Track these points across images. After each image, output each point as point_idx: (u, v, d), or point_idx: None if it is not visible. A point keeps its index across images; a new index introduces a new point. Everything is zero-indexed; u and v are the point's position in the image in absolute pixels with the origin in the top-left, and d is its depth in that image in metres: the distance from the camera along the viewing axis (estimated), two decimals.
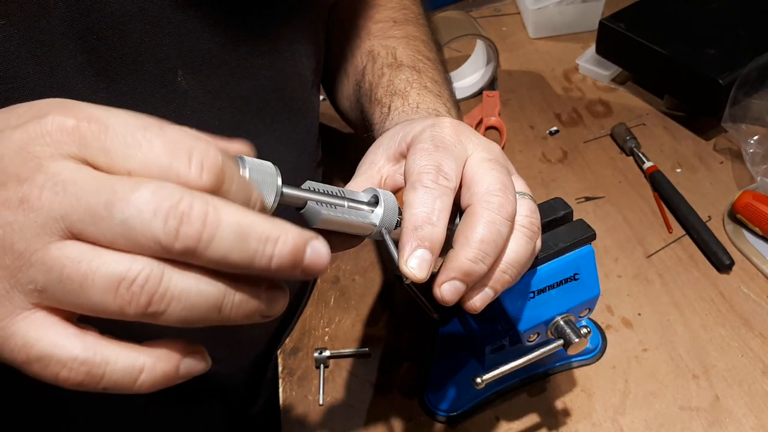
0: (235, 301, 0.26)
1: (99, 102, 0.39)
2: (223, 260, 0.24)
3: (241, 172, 0.28)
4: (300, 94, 0.54)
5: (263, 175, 0.30)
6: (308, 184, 0.34)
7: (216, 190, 0.25)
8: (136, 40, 0.41)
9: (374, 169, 0.40)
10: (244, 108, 0.49)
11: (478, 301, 0.36)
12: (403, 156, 0.39)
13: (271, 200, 0.30)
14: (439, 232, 0.34)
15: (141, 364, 0.25)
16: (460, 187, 0.37)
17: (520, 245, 0.36)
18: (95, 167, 0.24)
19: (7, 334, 0.24)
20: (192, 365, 0.27)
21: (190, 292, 0.24)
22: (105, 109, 0.25)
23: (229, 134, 0.48)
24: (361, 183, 0.40)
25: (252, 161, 0.29)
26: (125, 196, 0.23)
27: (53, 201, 0.23)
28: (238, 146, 0.31)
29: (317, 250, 0.26)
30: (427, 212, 0.34)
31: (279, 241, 0.25)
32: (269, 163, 0.30)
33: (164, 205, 0.23)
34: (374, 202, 0.36)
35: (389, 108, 0.50)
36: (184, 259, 0.24)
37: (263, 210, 0.29)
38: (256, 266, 0.25)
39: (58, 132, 0.24)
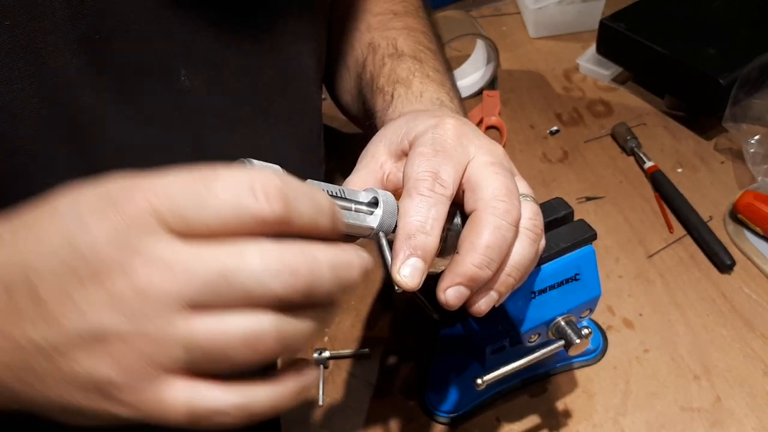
0: (323, 326, 0.29)
1: (102, 103, 0.40)
2: (327, 296, 0.27)
3: None
4: (303, 92, 0.54)
5: None
6: (309, 182, 0.34)
7: (288, 213, 0.26)
8: (138, 40, 0.40)
9: (376, 163, 0.40)
10: (247, 107, 0.49)
11: (483, 304, 0.36)
12: (405, 153, 0.39)
13: None
14: (433, 241, 0.34)
15: (281, 392, 0.28)
16: (464, 190, 0.37)
17: (525, 248, 0.36)
18: (178, 233, 0.25)
19: (161, 402, 0.25)
20: (308, 377, 0.29)
21: (304, 330, 0.27)
22: (156, 177, 0.26)
23: (232, 133, 0.48)
24: (362, 176, 0.40)
25: (259, 163, 0.30)
26: (238, 266, 0.25)
27: (164, 282, 0.24)
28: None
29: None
30: (421, 221, 0.34)
31: (354, 267, 0.28)
32: (276, 166, 0.30)
33: (274, 265, 0.25)
34: (374, 203, 0.36)
35: (392, 96, 0.49)
36: (299, 303, 0.26)
37: (330, 206, 0.29)
38: (341, 293, 0.28)
39: (136, 214, 0.25)
